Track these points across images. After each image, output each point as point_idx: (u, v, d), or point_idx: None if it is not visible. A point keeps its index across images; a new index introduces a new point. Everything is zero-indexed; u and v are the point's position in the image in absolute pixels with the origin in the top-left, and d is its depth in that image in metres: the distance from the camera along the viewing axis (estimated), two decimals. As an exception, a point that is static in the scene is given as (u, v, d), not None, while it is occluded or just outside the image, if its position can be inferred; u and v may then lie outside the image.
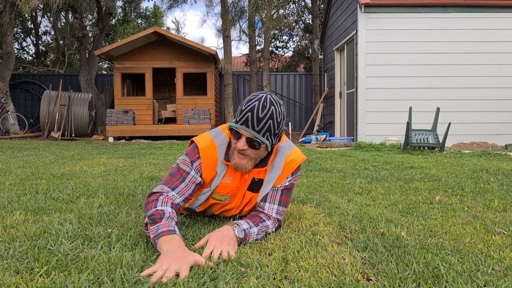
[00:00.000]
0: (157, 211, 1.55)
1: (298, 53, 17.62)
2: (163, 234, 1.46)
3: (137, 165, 4.48)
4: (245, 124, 1.63)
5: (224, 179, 1.81)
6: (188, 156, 1.78)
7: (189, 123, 9.82)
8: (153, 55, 10.78)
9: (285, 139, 1.90)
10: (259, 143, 1.65)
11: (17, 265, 1.35)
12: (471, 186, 3.08)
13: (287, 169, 1.83)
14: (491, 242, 1.68)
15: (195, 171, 1.75)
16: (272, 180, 1.82)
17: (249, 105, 1.63)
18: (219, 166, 1.78)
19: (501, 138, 7.96)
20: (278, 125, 1.67)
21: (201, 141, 1.78)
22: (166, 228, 1.48)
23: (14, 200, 2.41)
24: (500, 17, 8.01)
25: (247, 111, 1.62)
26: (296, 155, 1.85)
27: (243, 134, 1.64)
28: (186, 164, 1.76)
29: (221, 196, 1.86)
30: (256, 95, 1.66)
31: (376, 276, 1.32)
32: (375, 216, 2.12)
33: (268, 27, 10.66)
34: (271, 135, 1.67)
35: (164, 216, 1.53)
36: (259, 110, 1.61)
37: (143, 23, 19.64)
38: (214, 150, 1.77)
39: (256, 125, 1.62)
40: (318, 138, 9.56)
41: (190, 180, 1.73)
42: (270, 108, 1.63)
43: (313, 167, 4.40)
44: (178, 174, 1.74)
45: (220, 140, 1.80)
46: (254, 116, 1.61)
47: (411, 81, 8.07)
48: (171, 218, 1.54)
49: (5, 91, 11.29)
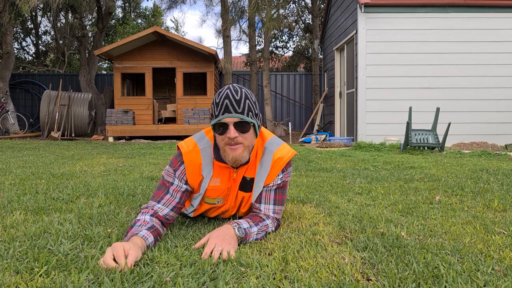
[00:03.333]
0: (133, 222, 1.64)
1: (298, 53, 17.62)
2: (128, 239, 1.53)
3: (137, 165, 4.48)
4: (226, 111, 1.64)
5: (212, 182, 1.80)
6: (171, 165, 1.80)
7: (189, 123, 9.82)
8: (153, 55, 10.78)
9: (272, 135, 1.89)
10: (247, 123, 1.66)
11: (17, 265, 1.34)
12: (471, 186, 3.08)
13: (276, 167, 1.81)
14: (491, 242, 1.68)
15: (178, 180, 1.77)
16: (262, 179, 1.81)
17: (222, 95, 1.66)
18: (204, 169, 1.78)
19: (501, 138, 7.95)
20: (255, 105, 1.71)
21: (185, 145, 1.80)
22: (131, 233, 1.55)
23: (14, 200, 2.41)
24: (500, 17, 8.00)
25: (224, 99, 1.65)
26: (284, 152, 1.83)
27: (229, 123, 1.64)
28: (169, 175, 1.79)
29: (213, 200, 1.86)
30: (222, 88, 1.71)
31: (376, 276, 1.32)
32: (375, 216, 2.12)
33: (268, 27, 10.65)
34: (253, 115, 1.69)
35: (135, 225, 1.61)
36: (234, 94, 1.65)
37: (142, 22, 19.63)
38: (197, 154, 1.78)
39: (238, 107, 1.64)
40: (318, 138, 9.56)
41: (174, 189, 1.77)
42: (242, 90, 1.68)
43: (313, 167, 4.40)
44: (163, 186, 1.79)
45: (203, 143, 1.80)
46: (232, 100, 1.64)
47: (411, 81, 8.07)
48: (142, 225, 1.60)
49: (5, 91, 11.28)
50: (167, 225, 1.75)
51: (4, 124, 11.19)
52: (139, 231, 1.55)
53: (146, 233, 1.55)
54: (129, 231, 1.57)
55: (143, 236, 1.52)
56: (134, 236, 1.52)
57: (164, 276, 1.27)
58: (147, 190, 2.83)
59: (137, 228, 1.58)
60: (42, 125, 10.41)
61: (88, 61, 12.77)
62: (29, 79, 13.84)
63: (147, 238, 1.54)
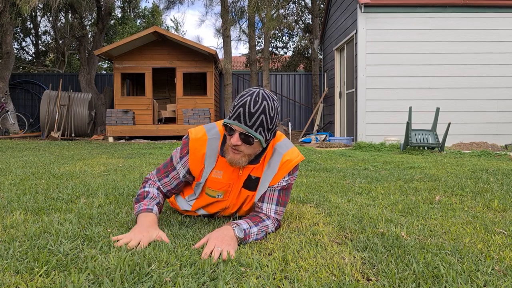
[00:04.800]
0: (143, 192, 1.82)
1: (298, 53, 17.62)
2: (142, 211, 1.72)
3: (137, 165, 4.48)
4: (237, 119, 1.63)
5: (214, 174, 1.81)
6: (180, 151, 1.87)
7: (189, 123, 9.82)
8: (153, 55, 10.78)
9: (284, 138, 1.89)
10: (252, 138, 1.65)
11: (17, 265, 1.34)
12: (471, 186, 3.08)
13: (284, 168, 1.81)
14: (491, 242, 1.68)
15: (181, 166, 1.85)
16: (268, 179, 1.81)
17: (241, 101, 1.63)
18: (207, 160, 1.80)
19: (501, 138, 7.95)
20: (272, 120, 1.66)
21: (194, 132, 1.84)
22: (146, 206, 1.74)
23: (14, 200, 2.41)
24: (500, 17, 8.01)
25: (239, 107, 1.63)
26: (293, 155, 1.84)
27: (236, 130, 1.64)
28: (176, 160, 1.88)
29: (213, 192, 1.86)
30: (248, 91, 1.67)
31: (376, 276, 1.32)
32: (375, 216, 2.12)
33: (268, 27, 10.65)
34: (264, 130, 1.66)
35: (147, 197, 1.79)
36: (251, 105, 1.61)
37: (142, 22, 19.63)
38: (203, 143, 1.80)
39: (248, 120, 1.61)
40: (318, 138, 9.56)
41: (173, 176, 1.87)
42: (263, 103, 1.62)
43: (313, 167, 4.40)
44: (167, 167, 1.90)
45: (212, 134, 1.81)
46: (246, 111, 1.61)
47: (411, 81, 8.07)
48: (153, 198, 1.79)
49: (5, 91, 11.28)
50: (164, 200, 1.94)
51: (4, 124, 11.19)
52: (152, 206, 1.75)
53: (156, 210, 1.76)
54: (141, 202, 1.77)
55: (156, 213, 1.74)
56: (149, 211, 1.72)
57: (164, 276, 1.27)
58: (147, 190, 2.83)
59: (150, 201, 1.77)
60: (42, 125, 10.41)
61: (88, 61, 12.77)
62: (29, 79, 13.84)
63: (157, 215, 1.75)
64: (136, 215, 1.73)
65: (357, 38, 8.09)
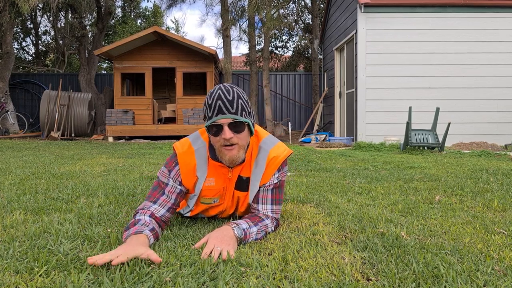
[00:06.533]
0: (133, 221, 1.64)
1: (298, 53, 17.61)
2: (131, 234, 1.53)
3: (137, 165, 4.48)
4: (220, 112, 1.64)
5: (207, 182, 1.81)
6: (166, 166, 1.82)
7: (189, 123, 9.81)
8: (153, 55, 10.77)
9: (268, 134, 1.89)
10: (241, 123, 1.66)
11: (16, 265, 1.34)
12: (471, 186, 3.08)
13: (271, 166, 1.81)
14: (490, 242, 1.68)
15: (173, 181, 1.78)
16: (258, 178, 1.81)
17: (214, 96, 1.65)
18: (198, 170, 1.79)
19: (501, 138, 7.95)
20: (247, 103, 1.71)
21: (179, 146, 1.81)
22: (135, 230, 1.55)
23: (14, 200, 2.41)
24: (500, 17, 8.00)
25: (216, 100, 1.64)
26: (280, 151, 1.83)
27: (223, 124, 1.64)
28: (164, 176, 1.80)
29: (209, 199, 1.86)
30: (213, 89, 1.69)
31: (376, 276, 1.32)
32: (375, 216, 2.12)
33: (268, 27, 10.65)
34: (246, 113, 1.69)
35: (138, 223, 1.61)
36: (226, 95, 1.65)
37: (142, 23, 19.63)
38: (191, 155, 1.79)
39: (231, 108, 1.64)
40: (317, 138, 9.56)
41: (170, 190, 1.78)
42: (233, 90, 1.68)
43: (313, 167, 4.40)
44: (159, 187, 1.80)
45: (198, 144, 1.81)
46: (224, 101, 1.63)
47: (411, 81, 8.06)
48: (145, 225, 1.60)
49: (4, 91, 11.28)
50: (163, 227, 1.75)
51: (4, 124, 11.19)
52: (143, 230, 1.56)
53: (149, 234, 1.56)
54: (131, 228, 1.57)
55: (148, 235, 1.54)
56: (138, 233, 1.53)
57: (164, 276, 1.27)
58: (147, 190, 2.83)
59: (141, 227, 1.58)
60: (42, 125, 10.41)
61: (88, 61, 12.77)
62: (29, 79, 13.83)
63: (150, 238, 1.56)
64: (124, 240, 1.54)
65: (357, 38, 8.09)
